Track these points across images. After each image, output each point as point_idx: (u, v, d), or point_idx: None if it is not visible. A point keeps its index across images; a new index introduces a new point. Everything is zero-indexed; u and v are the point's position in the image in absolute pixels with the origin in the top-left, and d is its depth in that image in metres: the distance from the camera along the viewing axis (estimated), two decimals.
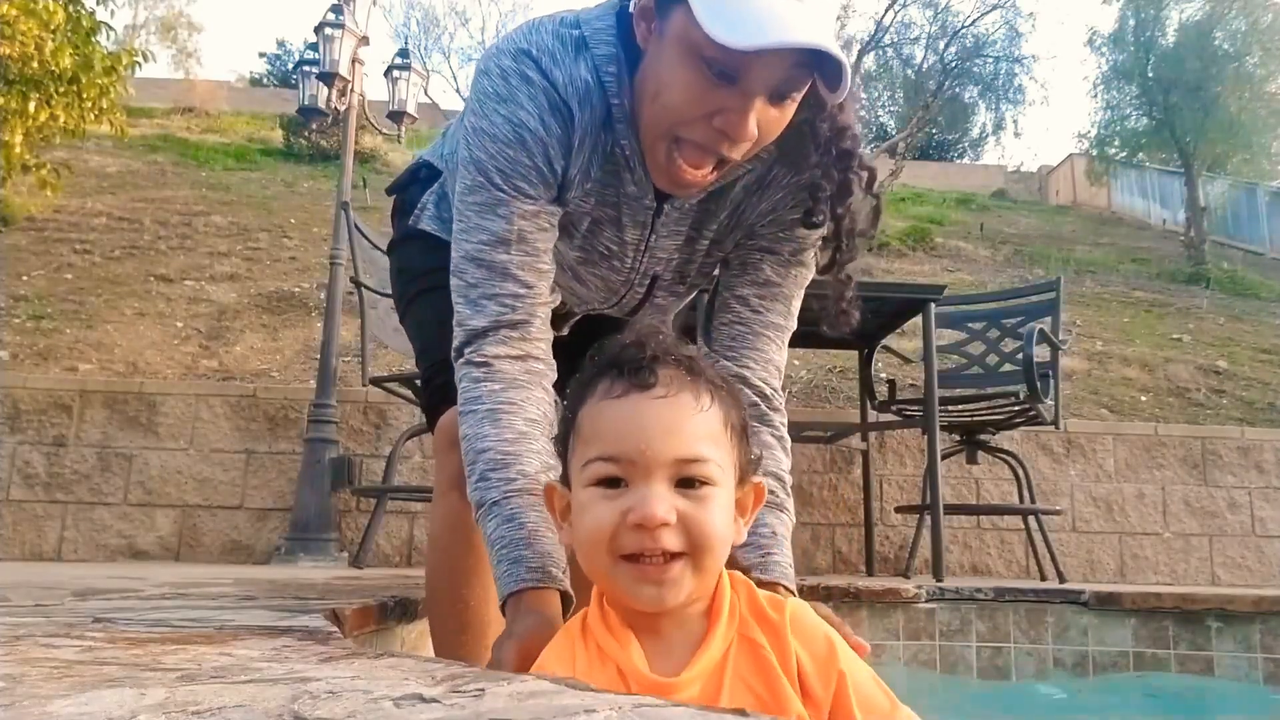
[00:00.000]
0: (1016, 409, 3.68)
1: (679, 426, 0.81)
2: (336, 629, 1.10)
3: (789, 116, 1.08)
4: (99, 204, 8.02)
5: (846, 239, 1.19)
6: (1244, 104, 12.71)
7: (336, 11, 4.90)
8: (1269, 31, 13.10)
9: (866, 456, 4.23)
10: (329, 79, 4.92)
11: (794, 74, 1.02)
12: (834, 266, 1.21)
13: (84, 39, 5.56)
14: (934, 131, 19.10)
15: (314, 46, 5.15)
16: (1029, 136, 48.78)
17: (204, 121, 13.57)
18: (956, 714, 2.57)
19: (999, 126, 17.56)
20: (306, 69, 5.22)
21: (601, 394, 0.84)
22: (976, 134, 21.06)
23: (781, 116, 1.07)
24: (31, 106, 5.21)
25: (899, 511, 4.21)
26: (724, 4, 0.98)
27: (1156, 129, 13.41)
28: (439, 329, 1.22)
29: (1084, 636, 2.89)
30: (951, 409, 3.78)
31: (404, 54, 5.42)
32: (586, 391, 0.86)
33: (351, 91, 4.96)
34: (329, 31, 4.88)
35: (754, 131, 1.04)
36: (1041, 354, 3.69)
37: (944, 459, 3.64)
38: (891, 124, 17.01)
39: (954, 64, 14.29)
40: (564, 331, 1.55)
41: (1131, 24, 13.86)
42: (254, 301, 6.20)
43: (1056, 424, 3.72)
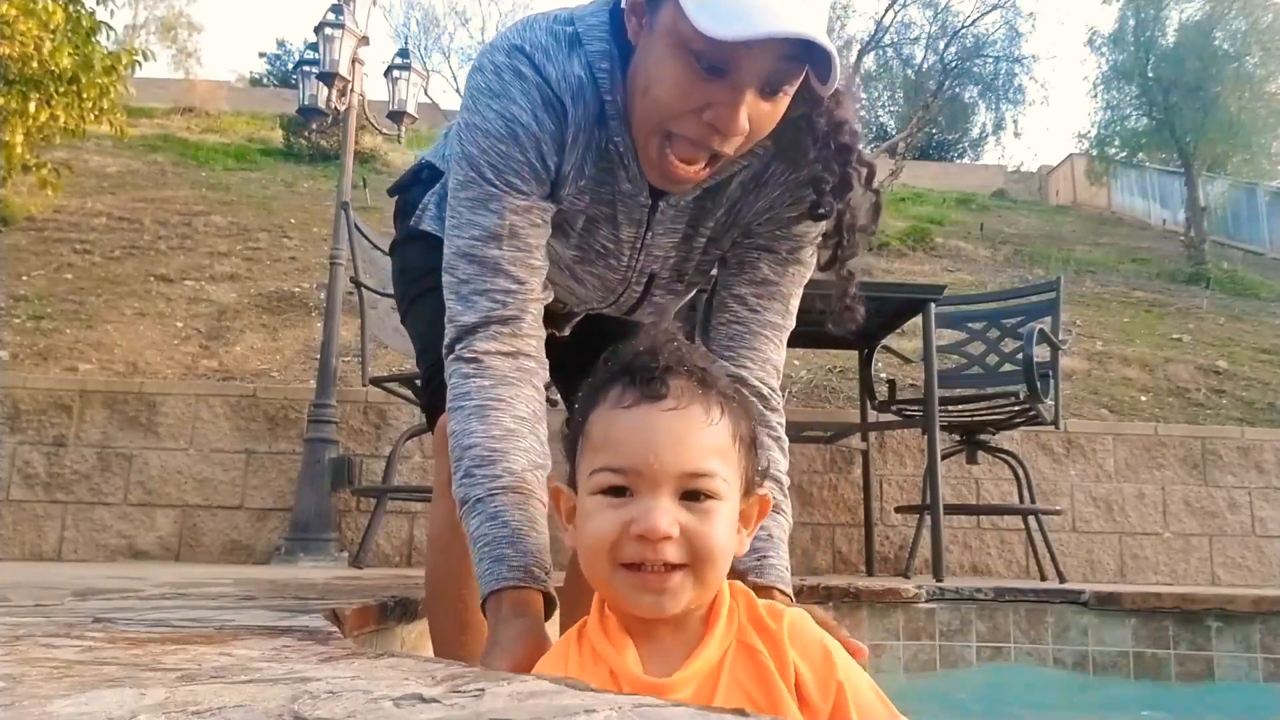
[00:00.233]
0: (1016, 409, 3.69)
1: (687, 440, 0.81)
2: (336, 629, 1.10)
3: (782, 110, 1.07)
4: (99, 204, 8.02)
5: (847, 234, 1.18)
6: (1244, 104, 12.72)
7: (336, 11, 4.90)
8: (1269, 31, 13.10)
9: (866, 456, 4.23)
10: (329, 79, 4.92)
11: (784, 67, 1.01)
12: (836, 263, 1.20)
13: (84, 39, 5.57)
14: (934, 131, 19.09)
15: (314, 46, 5.15)
16: (1029, 136, 48.90)
17: (204, 121, 13.57)
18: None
19: (999, 126, 17.59)
20: (306, 69, 5.22)
21: (612, 402, 0.84)
22: (976, 134, 21.09)
23: (774, 110, 1.06)
24: (31, 106, 5.22)
25: (899, 511, 4.21)
26: None
27: (1156, 129, 13.42)
28: (440, 329, 1.22)
29: (1084, 636, 2.89)
30: (951, 409, 3.78)
31: (404, 54, 5.42)
32: (598, 397, 0.86)
33: (351, 91, 4.96)
34: (329, 31, 4.88)
35: (745, 125, 1.03)
36: (1041, 354, 3.69)
37: (944, 459, 3.64)
38: (891, 124, 16.99)
39: (954, 64, 14.29)
40: (565, 331, 1.54)
41: (1131, 24, 13.87)
42: (254, 301, 6.20)
43: (1056, 424, 3.72)
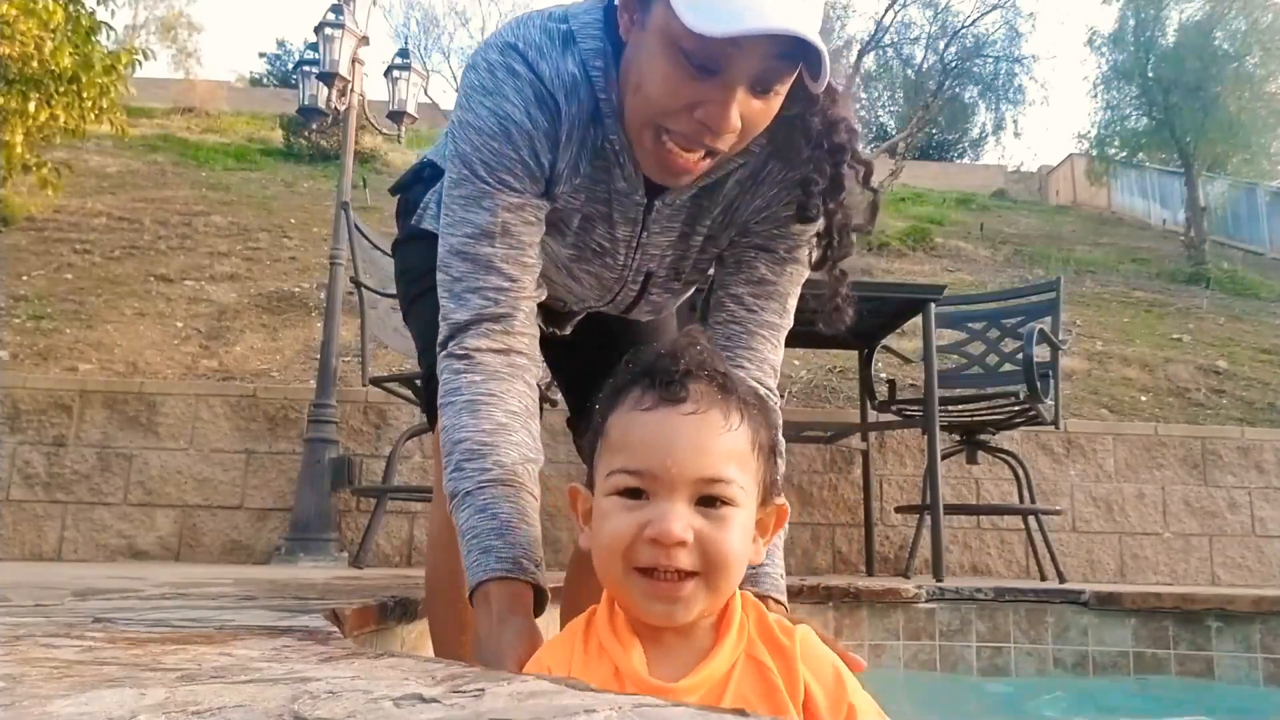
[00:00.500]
0: (1016, 409, 3.68)
1: (705, 445, 0.80)
2: (336, 629, 1.10)
3: (775, 109, 1.06)
4: (99, 204, 8.02)
5: (839, 234, 1.17)
6: (1244, 104, 12.72)
7: (336, 11, 4.90)
8: (1269, 31, 13.10)
9: (866, 456, 4.23)
10: (329, 79, 4.92)
11: (775, 64, 1.00)
12: (827, 262, 1.19)
13: (84, 38, 5.57)
14: (934, 131, 19.09)
15: (314, 46, 5.15)
16: (1029, 136, 48.93)
17: (204, 121, 13.58)
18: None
19: (999, 126, 17.53)
20: (306, 69, 5.22)
21: (632, 404, 0.84)
22: (976, 134, 21.09)
23: (766, 109, 1.05)
24: (31, 106, 5.22)
25: (899, 511, 4.21)
26: None
27: (1156, 129, 13.42)
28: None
29: (1084, 636, 2.89)
30: (951, 409, 3.78)
31: (404, 54, 5.42)
32: (618, 398, 0.86)
33: (351, 91, 4.96)
34: (329, 31, 4.88)
35: (736, 123, 1.02)
36: (1041, 354, 3.69)
37: (944, 459, 3.64)
38: (891, 124, 16.99)
39: (954, 64, 14.26)
40: (567, 330, 1.54)
41: (1131, 24, 13.87)
42: (254, 301, 6.20)
43: (1056, 424, 3.72)
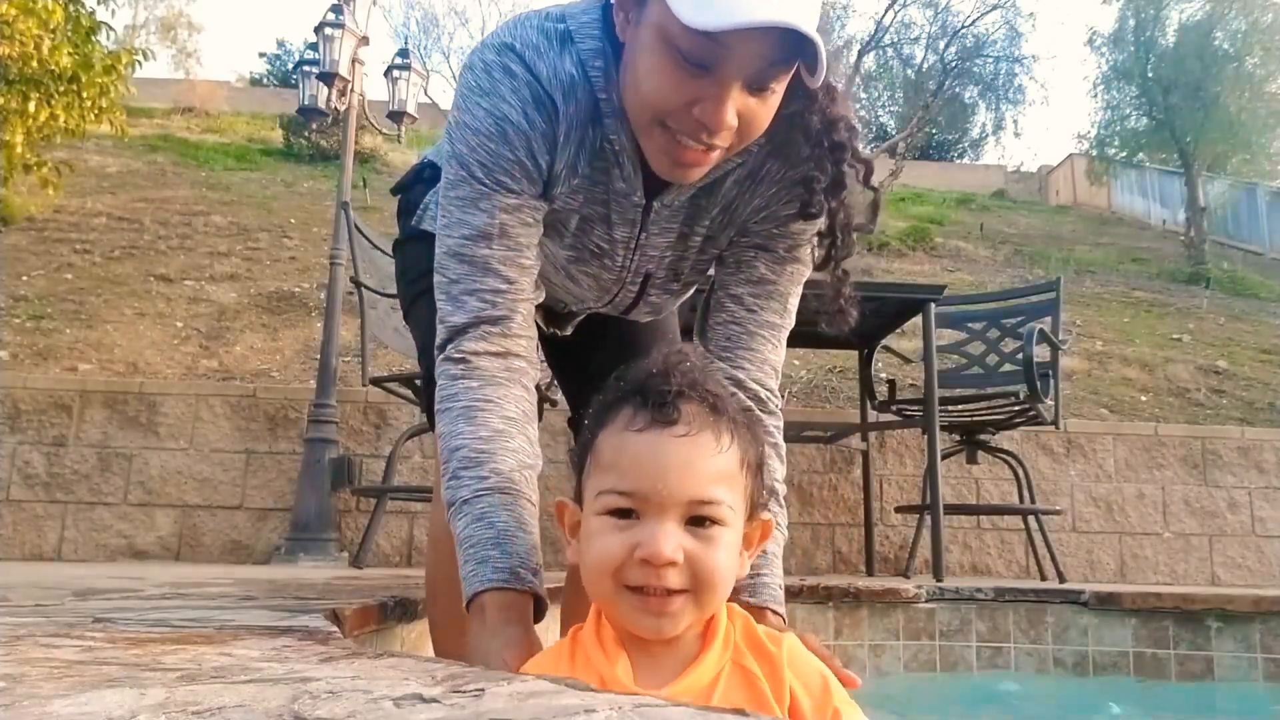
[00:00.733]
0: (1016, 409, 3.69)
1: (696, 467, 0.81)
2: (336, 629, 1.10)
3: (773, 107, 1.05)
4: (99, 204, 8.02)
5: (841, 234, 1.16)
6: (1244, 104, 12.72)
7: (336, 11, 4.90)
8: (1269, 31, 13.11)
9: (866, 456, 4.23)
10: (329, 79, 4.92)
11: (770, 61, 0.99)
12: (829, 262, 1.18)
13: (83, 38, 5.57)
14: (934, 131, 19.08)
15: (314, 46, 5.15)
16: (1029, 136, 48.87)
17: (204, 121, 13.58)
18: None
19: (999, 126, 17.54)
20: (306, 69, 5.22)
21: (623, 423, 0.83)
22: (976, 134, 21.08)
23: (763, 107, 1.04)
24: (31, 106, 5.22)
25: (899, 511, 4.21)
26: None
27: (1156, 129, 13.43)
28: None
29: (1084, 636, 2.89)
30: (951, 409, 3.78)
31: (404, 54, 5.42)
32: (608, 416, 0.86)
33: (351, 91, 4.96)
34: (329, 31, 4.88)
35: (733, 121, 1.01)
36: (1041, 354, 3.69)
37: (944, 459, 3.64)
38: (891, 124, 16.96)
39: (954, 64, 14.26)
40: (568, 331, 1.54)
41: (1131, 24, 13.88)
42: (254, 301, 6.20)
43: (1056, 424, 3.72)
